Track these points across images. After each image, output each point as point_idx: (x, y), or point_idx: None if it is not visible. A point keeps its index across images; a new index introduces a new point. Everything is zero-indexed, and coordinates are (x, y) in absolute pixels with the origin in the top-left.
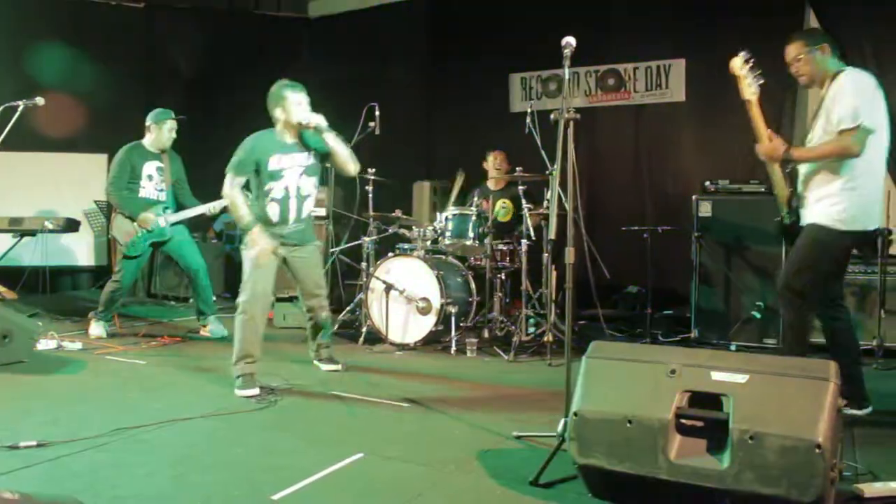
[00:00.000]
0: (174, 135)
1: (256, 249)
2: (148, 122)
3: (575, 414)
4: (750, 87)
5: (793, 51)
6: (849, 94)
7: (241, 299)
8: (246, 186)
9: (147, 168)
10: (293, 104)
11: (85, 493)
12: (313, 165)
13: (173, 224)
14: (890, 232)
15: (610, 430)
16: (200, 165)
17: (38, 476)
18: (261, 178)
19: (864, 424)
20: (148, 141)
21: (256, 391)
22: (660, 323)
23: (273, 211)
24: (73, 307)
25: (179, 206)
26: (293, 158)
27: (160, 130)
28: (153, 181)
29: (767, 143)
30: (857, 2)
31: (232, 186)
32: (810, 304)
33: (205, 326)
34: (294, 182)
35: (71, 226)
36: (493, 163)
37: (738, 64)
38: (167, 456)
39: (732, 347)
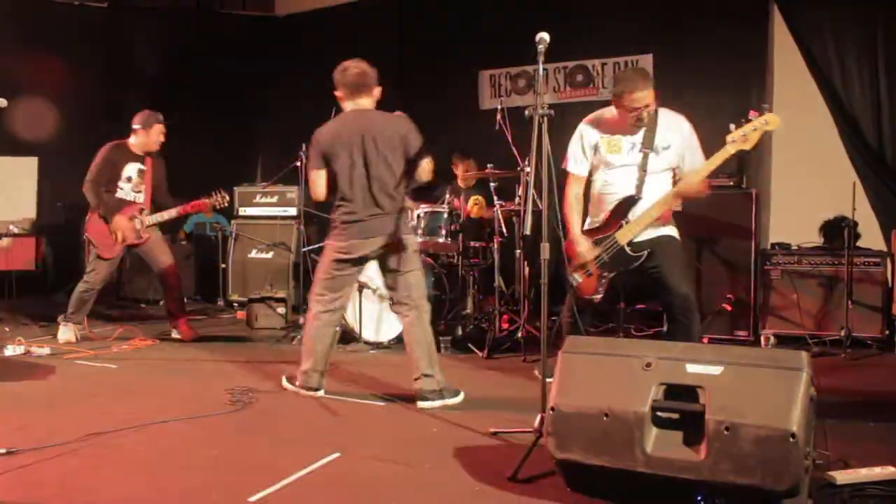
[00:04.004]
0: (162, 138)
1: None
2: (136, 126)
3: (552, 409)
4: None
5: None
6: None
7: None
8: None
9: (128, 169)
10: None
11: (57, 499)
12: None
13: (147, 226)
14: (856, 223)
15: (587, 424)
16: (167, 165)
17: (7, 484)
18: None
19: (833, 414)
20: (134, 142)
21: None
22: (632, 317)
23: None
24: (41, 311)
25: (156, 208)
26: None
27: (148, 134)
28: (132, 183)
29: None
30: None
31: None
32: None
33: (176, 328)
34: None
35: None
36: (462, 169)
37: None
38: (141, 460)
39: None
